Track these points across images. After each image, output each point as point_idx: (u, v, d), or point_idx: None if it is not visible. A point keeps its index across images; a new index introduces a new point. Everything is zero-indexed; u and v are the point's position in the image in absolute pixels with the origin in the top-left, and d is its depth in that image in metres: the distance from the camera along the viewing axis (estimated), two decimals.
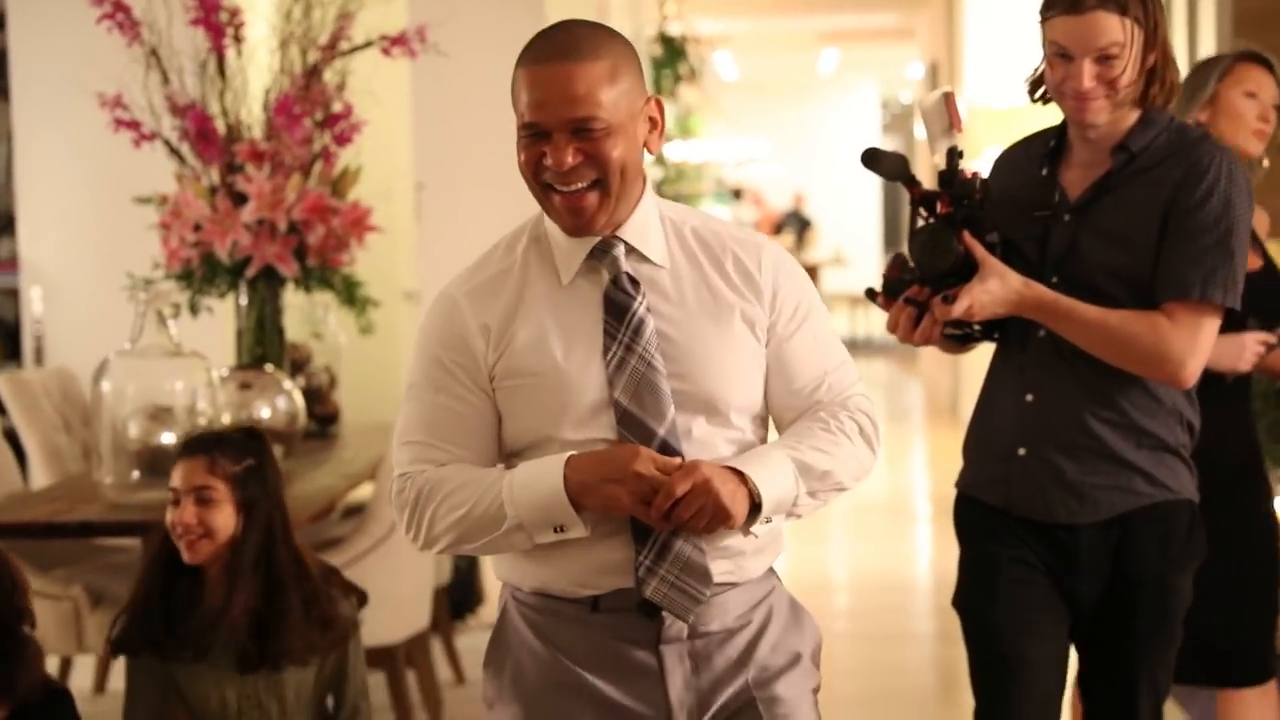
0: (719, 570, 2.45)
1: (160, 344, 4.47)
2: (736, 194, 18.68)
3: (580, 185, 2.38)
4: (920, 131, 3.11)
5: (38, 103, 8.25)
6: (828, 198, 21.14)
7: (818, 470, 2.44)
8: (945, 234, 2.95)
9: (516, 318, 2.46)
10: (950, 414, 12.55)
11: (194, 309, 5.03)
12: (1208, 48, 8.63)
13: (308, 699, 3.27)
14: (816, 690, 2.61)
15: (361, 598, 3.43)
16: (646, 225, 2.48)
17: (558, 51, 2.38)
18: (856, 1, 14.27)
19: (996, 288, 2.94)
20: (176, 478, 3.23)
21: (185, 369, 4.50)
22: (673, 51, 12.30)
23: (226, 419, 4.76)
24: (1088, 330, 2.95)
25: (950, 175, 3.00)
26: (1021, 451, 3.07)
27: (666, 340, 2.43)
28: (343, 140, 5.16)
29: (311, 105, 5.08)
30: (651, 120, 2.47)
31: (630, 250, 2.47)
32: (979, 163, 11.73)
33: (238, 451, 3.26)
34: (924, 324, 2.99)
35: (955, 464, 3.25)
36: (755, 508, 2.37)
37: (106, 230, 7.81)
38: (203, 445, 3.27)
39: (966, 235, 2.96)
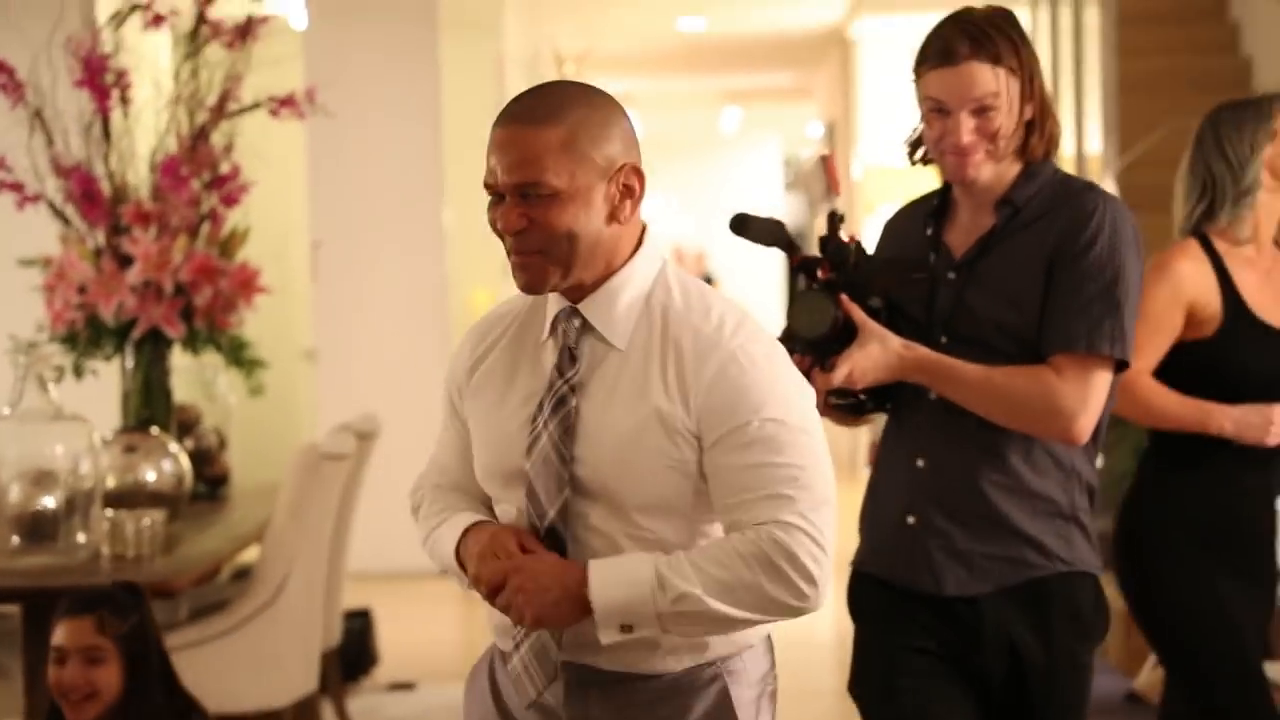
0: (585, 658, 2.36)
1: (42, 407, 4.41)
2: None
3: (526, 250, 2.32)
4: (803, 196, 2.99)
5: None
6: (731, 256, 21.24)
7: (679, 590, 2.23)
8: (821, 300, 2.86)
9: (489, 360, 2.46)
10: (850, 473, 12.60)
11: (78, 371, 4.97)
12: (1093, 105, 8.76)
13: None
14: None
15: None
16: (616, 297, 2.36)
17: (515, 115, 2.33)
18: (755, 62, 14.36)
19: (876, 352, 2.86)
20: (61, 637, 3.18)
21: (68, 432, 4.43)
22: None
23: (111, 482, 4.71)
24: (972, 390, 2.86)
25: (828, 240, 2.93)
26: (910, 520, 2.96)
27: (583, 423, 2.33)
28: (230, 201, 5.12)
29: (199, 166, 5.05)
30: (625, 188, 2.34)
31: (587, 325, 2.37)
32: (872, 221, 11.85)
33: (123, 608, 3.23)
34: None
35: (854, 522, 3.17)
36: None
37: None
38: (87, 604, 3.23)
39: (845, 300, 2.87)
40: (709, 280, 20.96)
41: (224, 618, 4.67)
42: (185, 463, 4.99)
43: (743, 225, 2.91)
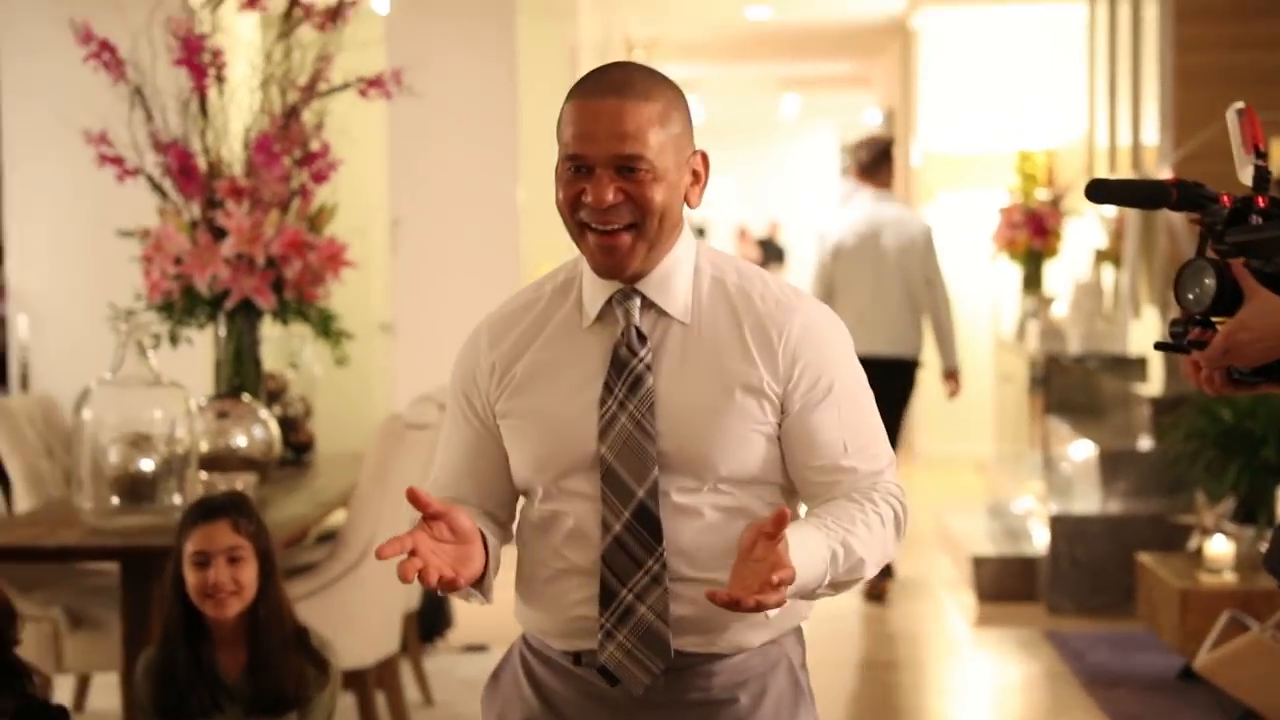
0: (688, 643, 2.30)
1: (140, 373, 4.44)
2: (700, 232, 18.79)
3: (616, 225, 2.25)
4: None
5: (26, 138, 8.22)
6: (787, 236, 21.22)
7: (854, 558, 2.25)
8: (1200, 268, 2.43)
9: (527, 354, 2.35)
10: (904, 446, 12.55)
11: (174, 339, 5.00)
12: (1151, 98, 8.69)
13: None
14: None
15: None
16: (671, 277, 2.33)
17: (612, 87, 2.25)
18: (817, 50, 14.30)
19: (1257, 321, 2.36)
20: (201, 541, 3.20)
21: (164, 398, 4.47)
22: None
23: (204, 447, 4.73)
24: None
25: (1247, 200, 2.45)
26: None
27: (662, 399, 2.28)
28: (320, 178, 5.13)
29: (290, 144, 5.07)
30: (695, 173, 2.33)
31: (648, 303, 2.32)
32: (932, 206, 11.79)
33: (249, 512, 3.27)
34: (1204, 372, 2.45)
35: (910, 498, 3.03)
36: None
37: (91, 262, 7.78)
38: (221, 509, 3.26)
39: (1236, 265, 2.41)
40: (780, 252, 20.95)
41: (311, 579, 4.68)
42: (274, 429, 5.01)
43: (1103, 191, 2.57)
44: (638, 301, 2.32)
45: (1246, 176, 2.44)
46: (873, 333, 7.40)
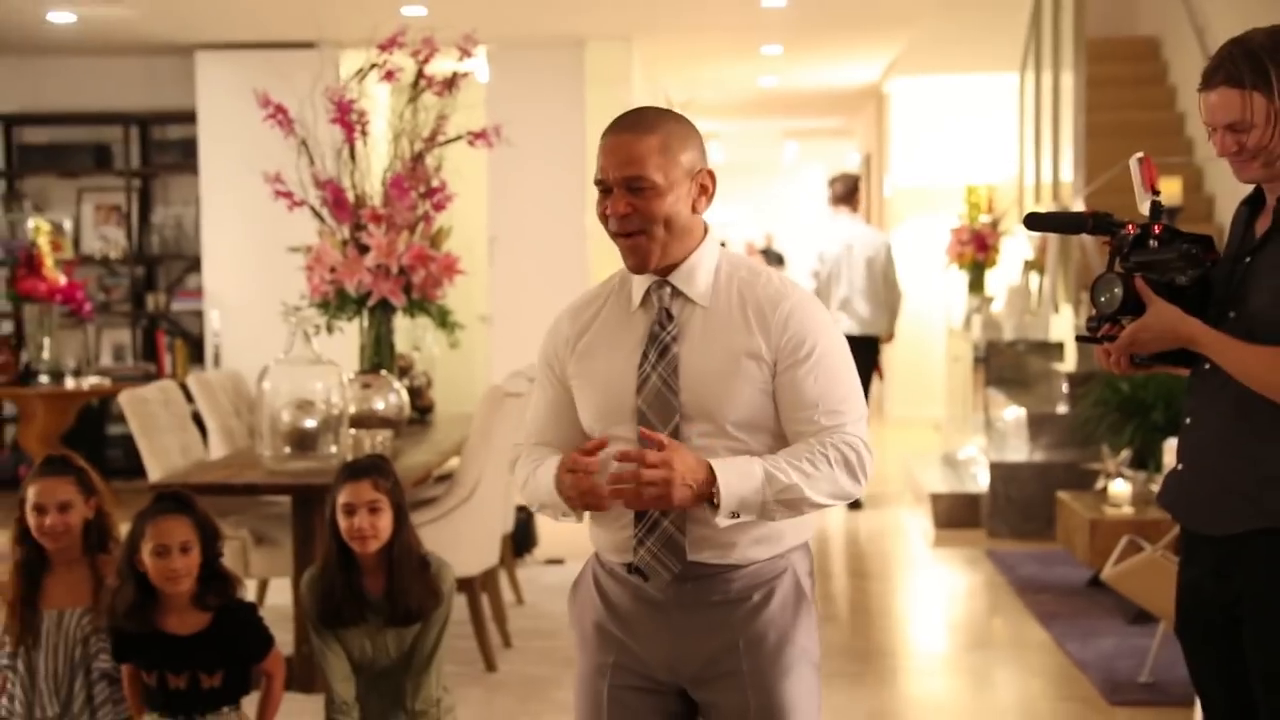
0: (704, 554, 2.28)
1: (305, 354, 4.47)
2: (721, 244, 18.67)
3: (630, 231, 2.26)
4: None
5: (218, 177, 8.28)
6: (782, 244, 21.14)
7: (784, 483, 2.20)
8: (1113, 281, 2.43)
9: (589, 332, 2.36)
10: (877, 410, 12.52)
11: (329, 329, 5.01)
12: (1067, 146, 8.62)
13: (407, 647, 3.28)
14: (807, 675, 2.35)
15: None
16: (696, 270, 2.31)
17: (624, 126, 2.27)
18: (811, 108, 14.23)
19: (1154, 323, 2.38)
20: (349, 495, 3.20)
21: (323, 373, 4.50)
22: None
23: (352, 410, 4.76)
24: (1232, 363, 2.34)
25: (1145, 228, 2.45)
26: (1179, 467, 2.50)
27: (684, 363, 2.27)
28: (439, 207, 5.13)
29: (416, 182, 5.07)
30: (702, 187, 2.31)
31: (676, 291, 2.31)
32: (900, 229, 11.73)
33: (385, 472, 3.27)
34: (1113, 357, 2.47)
35: (882, 449, 3.06)
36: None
37: (267, 271, 7.84)
38: (366, 470, 3.25)
39: (1137, 280, 2.41)
40: (779, 257, 20.90)
41: (433, 510, 4.71)
42: (404, 396, 5.04)
43: (1036, 221, 2.59)
44: (669, 290, 2.32)
45: (1145, 209, 2.46)
46: (851, 317, 8.08)
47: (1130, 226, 2.47)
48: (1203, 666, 2.46)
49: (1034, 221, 2.60)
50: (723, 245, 2.40)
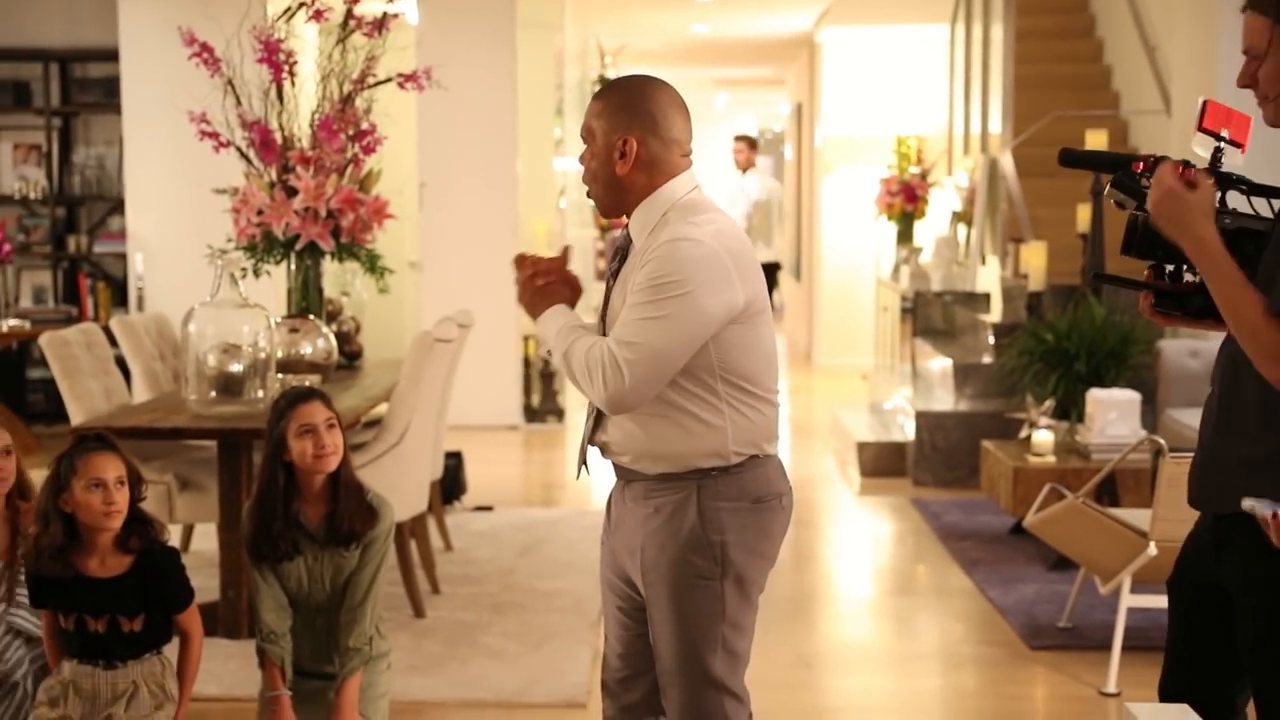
0: (615, 458, 2.60)
1: (232, 297, 4.41)
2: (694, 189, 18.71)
3: (586, 180, 2.59)
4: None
5: (142, 117, 8.11)
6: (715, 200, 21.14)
7: (551, 344, 2.54)
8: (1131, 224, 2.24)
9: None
10: (806, 359, 12.60)
11: (256, 272, 4.95)
12: (996, 98, 8.66)
13: (343, 580, 3.24)
14: (700, 596, 2.51)
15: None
16: (638, 216, 2.54)
17: (594, 94, 2.64)
18: (743, 57, 14.19)
19: (1187, 199, 2.11)
20: (304, 416, 3.14)
21: (250, 316, 4.44)
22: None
23: (280, 354, 4.71)
24: (1224, 300, 2.13)
25: (1211, 166, 2.19)
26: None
27: (613, 295, 2.56)
28: (368, 150, 5.08)
29: (346, 124, 5.01)
30: (623, 152, 2.52)
31: (627, 234, 2.59)
32: (830, 180, 11.76)
33: (328, 398, 3.24)
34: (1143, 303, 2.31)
35: (810, 398, 3.14)
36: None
37: (192, 212, 7.71)
38: (313, 393, 3.22)
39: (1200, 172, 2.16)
40: None
41: (362, 455, 4.67)
42: (332, 341, 5.00)
43: (1073, 158, 2.36)
44: (624, 232, 2.61)
45: (1202, 150, 2.25)
46: (757, 247, 10.13)
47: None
48: (1179, 628, 2.40)
49: (1070, 158, 2.36)
50: (694, 190, 2.56)
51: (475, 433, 8.42)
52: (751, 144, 12.13)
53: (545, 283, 2.57)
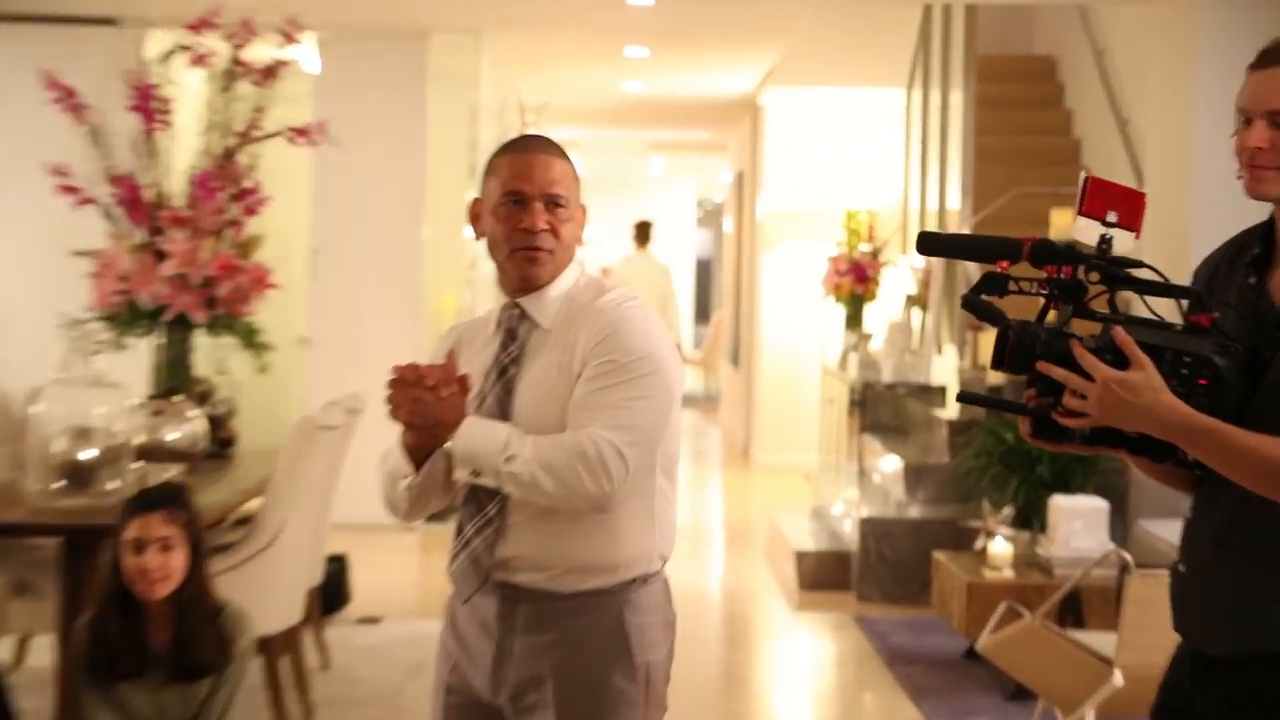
0: (520, 577, 2.45)
1: (86, 374, 4.34)
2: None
3: (541, 247, 2.48)
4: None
5: None
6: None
7: (524, 459, 2.36)
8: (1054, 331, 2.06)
9: (464, 352, 2.56)
10: (743, 456, 12.62)
11: (117, 346, 4.88)
12: (955, 171, 8.79)
13: (194, 710, 3.18)
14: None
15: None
16: (547, 294, 2.52)
17: (541, 147, 2.52)
18: (680, 119, 14.34)
19: (1141, 388, 1.99)
20: (137, 530, 3.11)
21: (106, 396, 4.37)
22: None
23: (139, 439, 4.62)
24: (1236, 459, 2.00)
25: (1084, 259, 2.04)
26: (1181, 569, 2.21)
27: (520, 384, 2.48)
28: (250, 211, 5.06)
29: (226, 181, 4.99)
30: (579, 221, 2.55)
31: (524, 314, 2.52)
32: (771, 256, 11.86)
33: (182, 503, 3.18)
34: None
35: (745, 497, 3.12)
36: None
37: (46, 276, 7.59)
38: (159, 501, 3.18)
39: (1119, 331, 2.01)
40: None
41: (228, 557, 4.59)
42: (202, 426, 4.93)
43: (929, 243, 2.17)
44: (517, 312, 2.53)
45: (1085, 237, 2.08)
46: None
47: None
48: None
49: (928, 244, 2.17)
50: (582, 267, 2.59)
51: (363, 533, 8.29)
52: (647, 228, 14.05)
53: (449, 393, 2.40)
